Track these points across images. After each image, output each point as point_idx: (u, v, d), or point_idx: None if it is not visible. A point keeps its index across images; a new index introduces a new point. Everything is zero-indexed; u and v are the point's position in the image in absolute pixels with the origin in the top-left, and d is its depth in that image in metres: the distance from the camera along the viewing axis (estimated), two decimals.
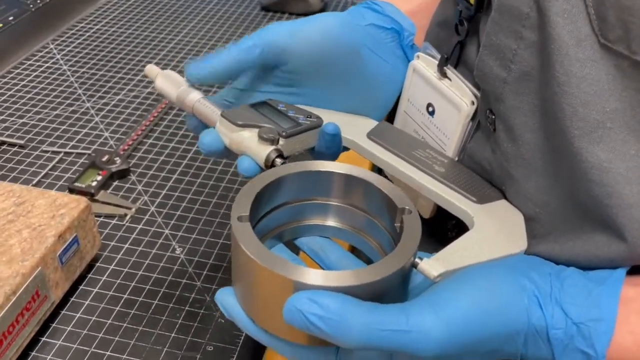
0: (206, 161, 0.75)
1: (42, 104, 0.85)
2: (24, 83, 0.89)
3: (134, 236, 0.64)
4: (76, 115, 0.83)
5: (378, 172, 0.43)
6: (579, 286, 0.35)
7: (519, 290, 0.34)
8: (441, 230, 0.50)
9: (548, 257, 0.39)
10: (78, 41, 1.02)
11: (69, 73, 0.93)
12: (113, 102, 0.86)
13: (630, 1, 0.31)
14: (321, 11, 1.14)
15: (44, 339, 0.53)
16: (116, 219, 0.66)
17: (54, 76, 0.92)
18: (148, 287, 0.58)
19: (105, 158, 0.73)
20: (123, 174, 0.72)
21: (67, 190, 0.69)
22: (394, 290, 0.35)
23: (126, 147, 0.77)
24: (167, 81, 0.48)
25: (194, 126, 0.48)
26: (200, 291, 0.58)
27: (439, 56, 0.47)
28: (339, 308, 0.31)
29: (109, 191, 0.70)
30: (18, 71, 0.92)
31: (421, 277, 0.36)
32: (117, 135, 0.79)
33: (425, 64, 0.49)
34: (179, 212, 0.68)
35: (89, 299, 0.57)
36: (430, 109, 0.49)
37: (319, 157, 0.46)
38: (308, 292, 0.32)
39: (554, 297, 0.34)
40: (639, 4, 0.31)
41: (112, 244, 0.63)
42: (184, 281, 0.59)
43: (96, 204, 0.67)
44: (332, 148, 0.46)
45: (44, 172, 0.72)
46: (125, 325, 0.55)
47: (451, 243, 0.38)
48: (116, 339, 0.53)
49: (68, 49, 0.99)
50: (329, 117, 0.47)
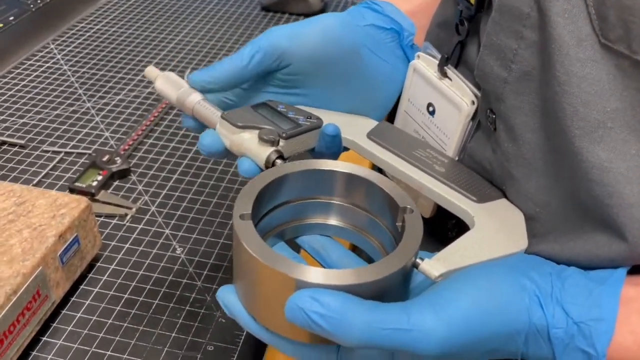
0: (206, 161, 0.75)
1: (43, 103, 0.85)
2: (24, 83, 0.90)
3: (134, 236, 0.64)
4: (77, 115, 0.83)
5: (378, 172, 0.43)
6: (579, 286, 0.35)
7: (519, 289, 0.34)
8: (441, 229, 0.50)
9: (548, 256, 0.39)
10: (78, 41, 1.02)
11: (69, 73, 0.93)
12: (113, 102, 0.86)
13: (631, 1, 0.31)
14: (321, 11, 1.14)
15: (44, 338, 0.53)
16: (117, 218, 0.66)
17: (54, 76, 0.92)
18: (149, 286, 0.58)
19: (105, 158, 0.73)
20: (123, 174, 0.72)
21: (68, 190, 0.69)
22: (395, 290, 0.35)
23: (127, 147, 0.77)
24: (167, 83, 0.48)
25: (190, 125, 0.48)
26: (201, 291, 0.58)
27: (439, 56, 0.47)
28: (340, 306, 0.32)
29: (109, 191, 0.70)
30: (18, 71, 0.92)
31: (422, 276, 0.36)
32: (118, 135, 0.79)
33: (425, 63, 0.49)
34: (179, 212, 0.68)
35: (90, 298, 0.57)
36: (431, 108, 0.49)
37: (319, 157, 0.46)
38: (310, 290, 0.32)
39: (555, 297, 0.34)
40: None
41: (113, 243, 0.63)
42: (184, 281, 0.59)
43: (97, 203, 0.67)
44: (332, 149, 0.46)
45: (45, 172, 0.72)
46: (125, 325, 0.55)
47: (452, 243, 0.38)
48: (117, 338, 0.53)
49: (68, 49, 0.99)
50: (328, 118, 0.47)
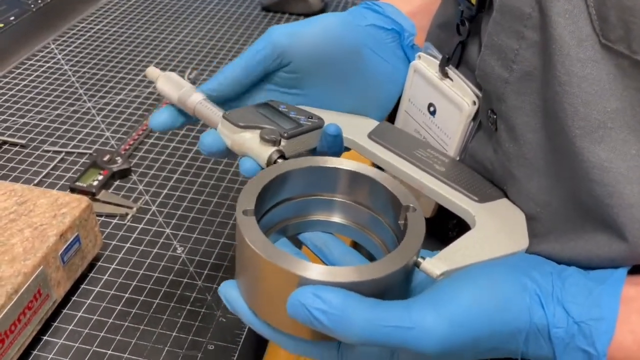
0: (207, 161, 0.76)
1: (44, 103, 0.85)
2: (25, 83, 0.90)
3: (135, 235, 0.64)
4: (77, 115, 0.83)
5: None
6: (580, 285, 0.35)
7: (520, 289, 0.34)
8: (442, 229, 0.50)
9: (549, 256, 0.39)
10: (79, 41, 1.02)
11: (70, 73, 0.93)
12: (114, 102, 0.86)
13: (631, 1, 0.31)
14: (321, 11, 1.14)
15: (45, 337, 0.53)
16: (117, 218, 0.66)
17: (55, 76, 0.92)
18: (149, 286, 0.58)
19: (106, 158, 0.73)
20: (124, 174, 0.73)
21: (69, 190, 0.69)
22: (397, 288, 0.35)
23: (127, 147, 0.77)
24: (168, 83, 0.48)
25: (158, 124, 0.47)
26: (202, 290, 0.58)
27: (440, 56, 0.47)
28: (342, 303, 0.32)
29: (110, 191, 0.70)
30: (19, 71, 0.92)
31: (423, 275, 0.36)
32: (118, 135, 0.79)
33: (426, 64, 0.49)
34: (180, 212, 0.68)
35: (91, 298, 0.57)
36: (432, 108, 0.49)
37: None
38: (312, 286, 0.32)
39: (556, 296, 0.34)
40: None
41: (114, 243, 0.63)
42: (185, 280, 0.59)
43: (97, 203, 0.67)
44: (333, 149, 0.46)
45: (46, 171, 0.72)
46: (126, 324, 0.55)
47: (453, 242, 0.38)
48: (117, 337, 0.53)
49: (69, 48, 0.99)
50: (330, 118, 0.47)
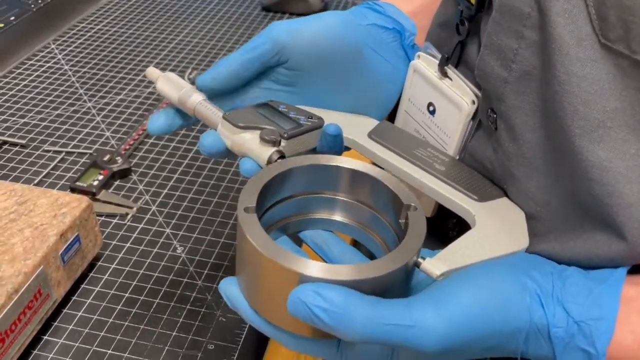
0: (207, 161, 0.76)
1: (44, 103, 0.85)
2: (25, 83, 0.90)
3: (135, 235, 0.64)
4: (77, 115, 0.83)
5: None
6: (580, 285, 0.35)
7: (520, 288, 0.34)
8: (442, 229, 0.50)
9: (549, 256, 0.39)
10: (79, 41, 1.02)
11: (70, 73, 0.93)
12: (114, 102, 0.86)
13: (631, 1, 0.31)
14: (321, 11, 1.14)
15: (45, 337, 0.53)
16: (117, 218, 0.66)
17: (55, 76, 0.92)
18: (149, 286, 0.58)
19: (106, 158, 0.73)
20: (124, 174, 0.73)
21: (69, 190, 0.69)
22: (397, 286, 0.35)
23: (127, 147, 0.77)
24: (168, 84, 0.48)
25: (156, 128, 0.47)
26: (202, 290, 0.58)
27: (439, 56, 0.47)
28: (342, 301, 0.32)
29: (110, 190, 0.70)
30: (19, 71, 0.92)
31: (423, 274, 0.36)
32: (119, 135, 0.79)
33: (426, 63, 0.49)
34: (180, 212, 0.68)
35: (91, 297, 0.57)
36: (431, 108, 0.49)
37: None
38: (312, 284, 0.32)
39: (556, 296, 0.34)
40: None
41: (114, 243, 0.63)
42: (185, 280, 0.59)
43: (98, 203, 0.67)
44: (333, 149, 0.46)
45: (46, 171, 0.72)
46: (126, 323, 0.55)
47: (453, 242, 0.38)
48: (118, 337, 0.53)
49: (69, 48, 0.99)
50: (329, 117, 0.47)
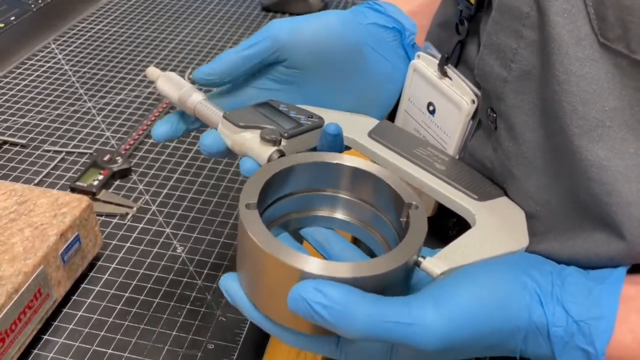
0: (207, 161, 0.76)
1: (44, 103, 0.85)
2: (25, 83, 0.90)
3: (135, 235, 0.64)
4: (78, 115, 0.83)
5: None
6: (579, 285, 0.35)
7: (520, 287, 0.34)
8: (442, 228, 0.50)
9: (548, 255, 0.39)
10: (79, 41, 1.02)
11: (70, 73, 0.93)
12: (114, 102, 0.86)
13: (629, 1, 0.31)
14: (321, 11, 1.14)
15: (46, 336, 0.53)
16: (117, 218, 0.67)
17: (55, 76, 0.92)
18: (149, 285, 0.59)
19: (106, 157, 0.73)
20: (124, 174, 0.73)
21: (69, 190, 0.69)
22: (397, 284, 0.35)
23: (127, 147, 0.77)
24: (169, 83, 0.48)
25: (160, 134, 0.48)
26: (202, 290, 0.58)
27: (439, 55, 0.48)
28: (343, 298, 0.32)
29: (110, 190, 0.70)
30: (20, 71, 0.92)
31: (423, 273, 0.36)
32: (119, 135, 0.79)
33: (425, 63, 0.49)
34: (180, 211, 0.68)
35: (91, 297, 0.57)
36: (431, 107, 0.49)
37: None
38: (313, 281, 0.32)
39: (555, 296, 0.34)
40: (639, 3, 0.31)
41: (114, 242, 0.63)
42: (185, 280, 0.59)
43: (98, 203, 0.67)
44: (333, 148, 0.46)
45: (46, 171, 0.72)
46: (126, 323, 0.55)
47: (453, 241, 0.38)
48: (117, 337, 0.53)
49: (69, 48, 1.00)
50: (329, 117, 0.47)
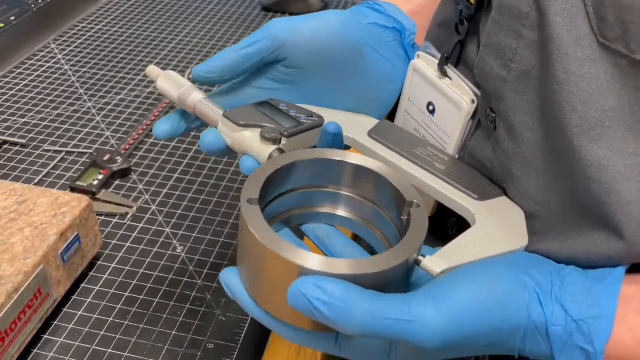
0: (207, 160, 0.76)
1: (44, 103, 0.85)
2: (25, 83, 0.90)
3: (135, 235, 0.64)
4: (78, 115, 0.83)
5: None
6: (579, 284, 0.35)
7: (519, 286, 0.34)
8: (442, 228, 0.50)
9: (548, 254, 0.39)
10: (79, 41, 1.02)
11: (70, 73, 0.93)
12: (114, 102, 0.86)
13: (629, 1, 0.31)
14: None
15: (45, 336, 0.53)
16: (117, 217, 0.67)
17: (55, 76, 0.92)
18: (149, 285, 0.59)
19: (106, 157, 0.73)
20: (124, 173, 0.73)
21: (69, 189, 0.69)
22: (398, 282, 0.35)
23: (127, 147, 0.77)
24: (169, 82, 0.48)
25: (162, 132, 0.48)
26: (201, 289, 0.58)
27: (439, 55, 0.48)
28: (342, 294, 0.32)
29: (110, 190, 0.70)
30: (20, 71, 0.92)
31: (423, 272, 0.36)
32: (119, 135, 0.79)
33: (425, 63, 0.49)
34: (180, 211, 0.68)
35: (91, 297, 0.57)
36: (431, 107, 0.49)
37: None
38: (313, 277, 0.32)
39: (555, 295, 0.34)
40: (638, 3, 0.31)
41: (114, 242, 0.63)
42: (184, 279, 0.59)
43: (97, 202, 0.67)
44: (333, 147, 0.46)
45: (46, 171, 0.72)
46: (126, 323, 0.55)
47: (453, 240, 0.38)
48: (117, 336, 0.53)
49: (69, 48, 1.00)
50: (330, 116, 0.47)
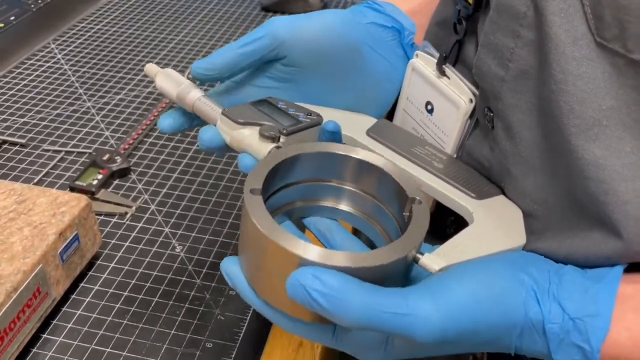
0: (206, 160, 0.76)
1: (43, 103, 0.85)
2: (25, 82, 0.90)
3: (134, 234, 0.64)
4: (77, 115, 0.83)
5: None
6: (576, 283, 0.35)
7: (517, 284, 0.35)
8: (440, 226, 0.50)
9: (546, 253, 0.39)
10: (79, 41, 1.02)
11: (69, 73, 0.93)
12: (114, 102, 0.86)
13: (626, 0, 0.32)
14: None
15: (44, 335, 0.53)
16: (117, 217, 0.67)
17: (55, 76, 0.92)
18: (148, 284, 0.59)
19: (105, 157, 0.73)
20: (123, 173, 0.73)
21: (68, 189, 0.69)
22: (396, 277, 0.35)
23: (127, 146, 0.77)
24: (167, 80, 0.48)
25: (166, 127, 0.48)
26: (200, 289, 0.58)
27: (437, 55, 0.48)
28: (341, 286, 0.32)
29: (109, 190, 0.70)
30: (19, 71, 0.93)
31: (421, 269, 0.36)
32: (118, 135, 0.80)
33: (424, 62, 0.49)
34: (179, 211, 0.68)
35: (90, 296, 0.57)
36: (429, 107, 0.50)
37: None
38: (312, 268, 0.32)
39: (552, 293, 0.35)
40: (635, 3, 0.31)
41: (113, 242, 0.63)
42: (183, 279, 0.59)
43: (97, 202, 0.67)
44: None
45: (45, 170, 0.72)
46: (125, 322, 0.55)
47: (452, 238, 0.38)
48: (116, 335, 0.54)
49: (69, 48, 1.00)
50: (328, 115, 0.47)
